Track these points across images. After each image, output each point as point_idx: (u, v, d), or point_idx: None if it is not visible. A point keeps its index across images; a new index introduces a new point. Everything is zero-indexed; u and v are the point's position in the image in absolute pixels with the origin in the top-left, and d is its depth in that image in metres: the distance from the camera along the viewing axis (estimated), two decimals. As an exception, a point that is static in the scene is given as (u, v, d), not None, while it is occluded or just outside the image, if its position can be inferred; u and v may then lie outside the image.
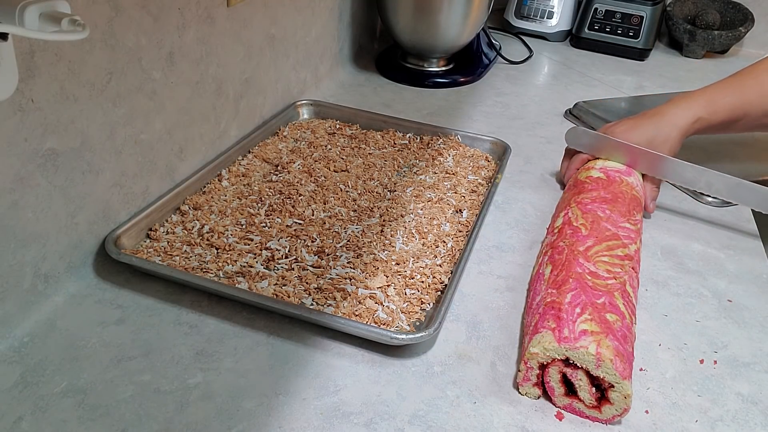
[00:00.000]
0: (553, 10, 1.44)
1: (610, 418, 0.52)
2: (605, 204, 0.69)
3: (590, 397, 0.52)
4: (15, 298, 0.56)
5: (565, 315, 0.54)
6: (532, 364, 0.53)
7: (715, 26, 1.39)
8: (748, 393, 0.57)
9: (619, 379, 0.50)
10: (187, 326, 0.59)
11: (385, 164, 0.85)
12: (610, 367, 0.50)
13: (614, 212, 0.67)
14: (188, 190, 0.75)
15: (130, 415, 0.50)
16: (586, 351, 0.51)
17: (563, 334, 0.52)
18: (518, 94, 1.16)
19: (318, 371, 0.55)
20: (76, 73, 0.57)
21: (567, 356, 0.51)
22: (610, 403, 0.51)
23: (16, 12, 0.40)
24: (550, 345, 0.52)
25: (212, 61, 0.77)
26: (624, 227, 0.66)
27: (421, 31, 1.13)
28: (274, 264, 0.65)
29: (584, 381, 0.52)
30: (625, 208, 0.69)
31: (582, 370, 0.52)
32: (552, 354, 0.52)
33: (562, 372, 0.53)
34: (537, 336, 0.53)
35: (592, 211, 0.68)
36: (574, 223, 0.67)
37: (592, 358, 0.50)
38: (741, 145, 0.96)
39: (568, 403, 0.53)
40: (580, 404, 0.53)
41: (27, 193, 0.55)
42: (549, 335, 0.53)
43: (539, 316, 0.56)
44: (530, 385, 0.54)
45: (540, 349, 0.52)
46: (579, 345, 0.51)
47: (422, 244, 0.70)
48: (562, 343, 0.52)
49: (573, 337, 0.52)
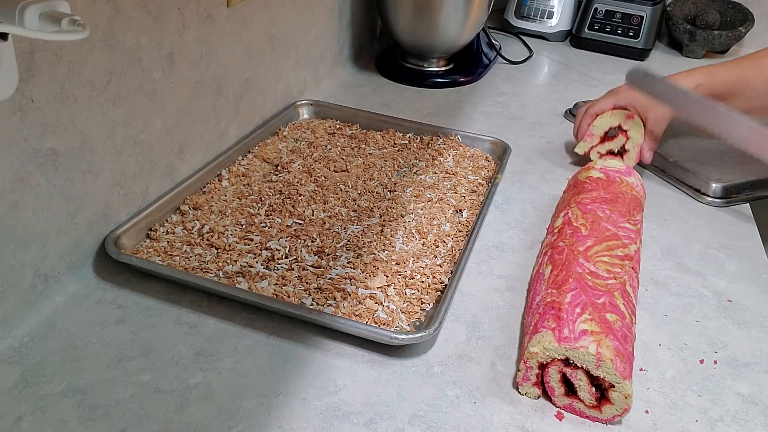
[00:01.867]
0: (553, 10, 1.44)
1: (611, 417, 0.52)
2: (605, 204, 0.69)
3: (590, 397, 0.52)
4: (15, 298, 0.56)
5: (565, 315, 0.54)
6: (531, 363, 0.53)
7: (715, 26, 1.39)
8: (748, 393, 0.56)
9: (619, 379, 0.50)
10: (187, 326, 0.59)
11: (385, 164, 0.85)
12: (611, 367, 0.50)
13: (614, 212, 0.67)
14: (188, 190, 0.75)
15: (130, 415, 0.50)
16: (586, 351, 0.51)
17: (563, 334, 0.52)
18: (518, 94, 1.16)
19: (318, 371, 0.55)
20: (76, 73, 0.57)
21: (567, 356, 0.51)
22: (610, 403, 0.51)
23: (16, 12, 0.40)
24: (550, 345, 0.52)
25: (212, 61, 0.77)
26: (624, 227, 0.66)
27: (421, 31, 1.13)
28: (274, 264, 0.65)
29: (584, 381, 0.52)
30: (625, 209, 0.69)
31: (582, 370, 0.51)
32: (552, 354, 0.52)
33: (561, 372, 0.53)
34: (537, 336, 0.53)
35: (592, 211, 0.68)
36: (574, 223, 0.67)
37: (593, 358, 0.50)
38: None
39: (568, 403, 0.53)
40: (580, 404, 0.53)
41: (27, 193, 0.55)
42: (549, 335, 0.53)
43: (539, 316, 0.56)
44: (530, 384, 0.54)
45: (540, 348, 0.52)
46: (579, 345, 0.51)
47: (422, 244, 0.70)
48: (562, 343, 0.51)
49: (573, 337, 0.52)
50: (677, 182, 0.89)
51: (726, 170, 0.88)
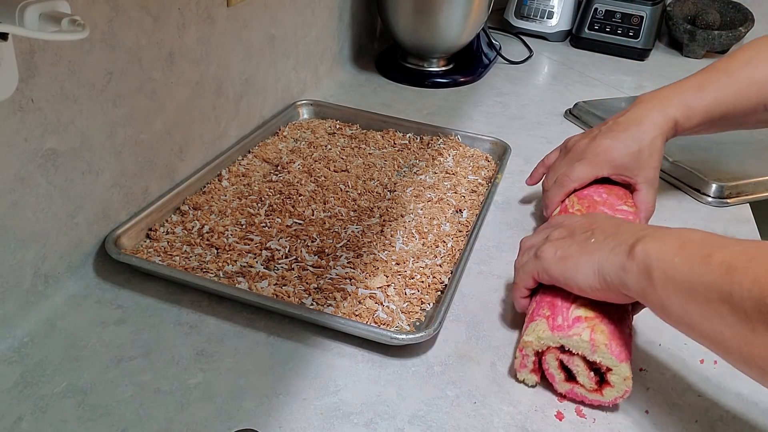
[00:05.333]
0: (553, 10, 1.44)
1: (613, 400, 0.52)
2: (601, 188, 0.69)
3: (590, 381, 0.52)
4: (15, 298, 0.56)
5: (559, 302, 0.54)
6: (527, 351, 0.53)
7: (715, 26, 1.39)
8: (748, 393, 0.56)
9: (616, 363, 0.50)
10: (187, 326, 0.59)
11: (385, 164, 0.85)
12: (606, 351, 0.50)
13: (611, 196, 0.67)
14: (188, 190, 0.75)
15: (130, 415, 0.50)
16: (579, 338, 0.50)
17: (557, 322, 0.52)
18: (518, 94, 1.16)
19: (318, 371, 0.55)
20: (76, 73, 0.57)
21: (561, 344, 0.52)
22: (610, 386, 0.51)
23: (16, 12, 0.40)
24: (543, 333, 0.52)
25: (212, 61, 0.77)
26: (621, 209, 0.65)
27: (421, 31, 1.13)
28: (274, 264, 0.65)
29: (581, 366, 0.52)
30: (621, 191, 0.69)
31: (578, 356, 0.51)
32: (546, 342, 0.52)
33: (559, 359, 0.53)
34: (532, 324, 0.54)
35: (588, 196, 0.67)
36: (570, 209, 0.67)
37: (586, 344, 0.50)
38: (742, 144, 0.96)
39: (570, 388, 0.53)
40: (581, 389, 0.53)
41: (27, 193, 0.55)
42: (543, 323, 0.53)
43: (536, 304, 0.56)
44: (527, 371, 0.54)
45: (534, 337, 0.52)
46: (572, 333, 0.51)
47: (422, 244, 0.70)
48: (555, 332, 0.52)
49: (566, 325, 0.52)
50: (677, 182, 0.89)
51: (726, 170, 0.88)
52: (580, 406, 0.54)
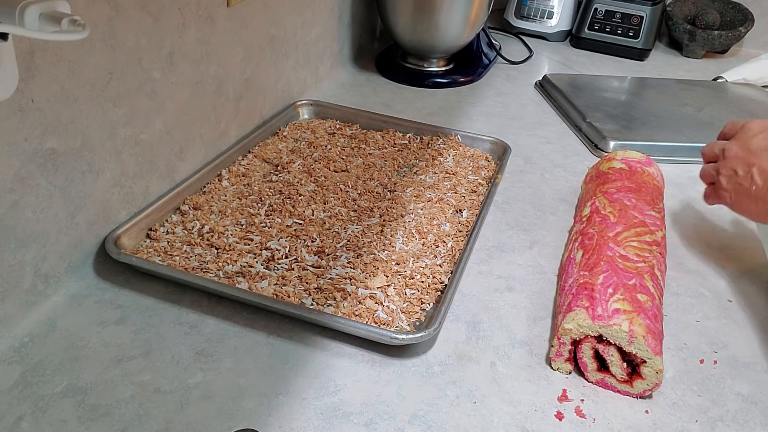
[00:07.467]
0: (553, 10, 1.44)
1: (642, 392, 0.54)
2: (630, 193, 0.71)
3: (622, 372, 0.54)
4: (15, 298, 0.56)
5: (598, 295, 0.56)
6: (565, 339, 0.55)
7: (715, 26, 1.39)
8: (748, 393, 0.57)
9: (651, 355, 0.52)
10: (187, 326, 0.59)
11: (385, 164, 0.85)
12: (643, 343, 0.52)
13: (640, 201, 0.70)
14: (188, 190, 0.75)
15: (130, 415, 0.50)
16: (619, 328, 0.53)
17: (597, 312, 0.54)
18: (518, 94, 1.16)
19: (318, 371, 0.55)
20: (76, 73, 0.57)
21: (600, 333, 0.54)
22: (641, 378, 0.54)
23: (16, 12, 0.40)
24: (584, 322, 0.54)
25: (212, 61, 0.77)
26: (650, 215, 0.68)
27: (421, 31, 1.13)
28: (274, 264, 0.65)
29: (616, 357, 0.54)
30: (649, 197, 0.71)
31: (614, 346, 0.54)
32: (585, 330, 0.54)
33: (594, 348, 0.55)
34: (571, 314, 0.56)
35: (618, 200, 0.69)
36: (602, 211, 0.69)
37: (625, 335, 0.53)
38: None
39: (601, 378, 0.56)
40: (612, 379, 0.55)
41: (27, 193, 0.55)
42: (583, 313, 0.55)
43: (572, 296, 0.58)
44: (562, 360, 0.56)
45: (574, 325, 0.54)
46: (612, 323, 0.53)
47: (422, 244, 0.70)
48: (596, 321, 0.54)
49: (606, 315, 0.54)
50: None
51: None
52: (580, 406, 0.54)
